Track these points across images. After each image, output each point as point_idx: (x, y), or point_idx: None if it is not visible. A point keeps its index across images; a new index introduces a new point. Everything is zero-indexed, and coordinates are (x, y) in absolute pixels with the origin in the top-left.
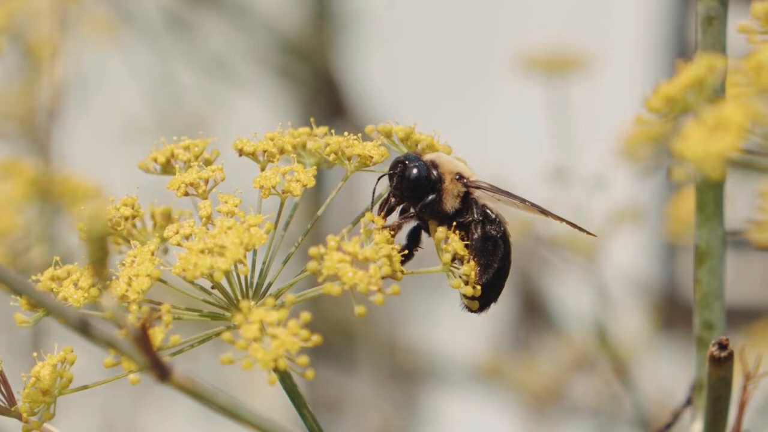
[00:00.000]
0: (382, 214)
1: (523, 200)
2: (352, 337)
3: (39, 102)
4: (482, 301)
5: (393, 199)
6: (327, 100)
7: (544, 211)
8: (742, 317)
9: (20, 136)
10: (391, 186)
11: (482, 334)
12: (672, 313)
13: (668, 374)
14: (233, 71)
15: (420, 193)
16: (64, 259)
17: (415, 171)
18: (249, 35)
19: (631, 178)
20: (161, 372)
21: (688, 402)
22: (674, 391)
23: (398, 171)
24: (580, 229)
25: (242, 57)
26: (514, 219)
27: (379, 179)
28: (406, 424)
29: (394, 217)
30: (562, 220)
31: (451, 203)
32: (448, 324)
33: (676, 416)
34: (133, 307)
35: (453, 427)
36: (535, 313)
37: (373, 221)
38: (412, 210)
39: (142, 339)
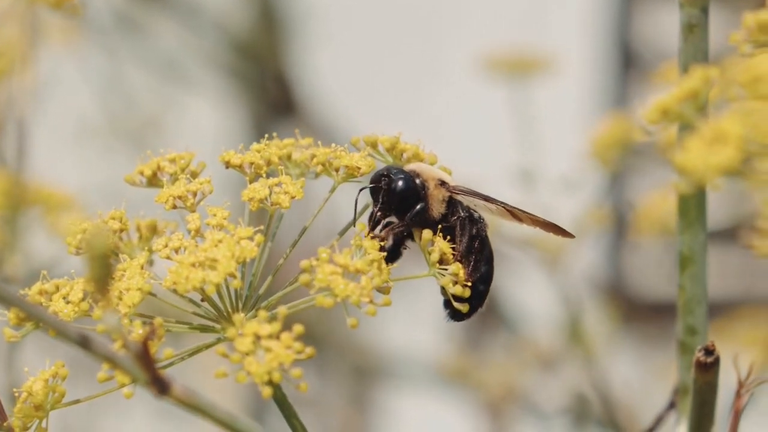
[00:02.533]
0: (370, 226)
1: (503, 203)
2: (314, 337)
3: (4, 109)
4: (471, 303)
5: (379, 213)
6: (278, 99)
7: (517, 215)
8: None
9: None
10: (376, 200)
11: (434, 332)
12: (620, 308)
13: (622, 370)
14: (184, 72)
15: (408, 204)
16: (39, 270)
17: (401, 183)
18: (199, 35)
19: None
20: (161, 386)
21: (671, 406)
22: (633, 387)
23: (383, 184)
24: (562, 231)
25: (193, 57)
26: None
27: (360, 191)
28: (363, 422)
29: (379, 228)
30: (538, 223)
31: (437, 209)
32: (400, 321)
33: (659, 420)
34: (125, 321)
35: (409, 425)
36: (488, 311)
37: (363, 232)
38: (399, 221)
39: (144, 354)
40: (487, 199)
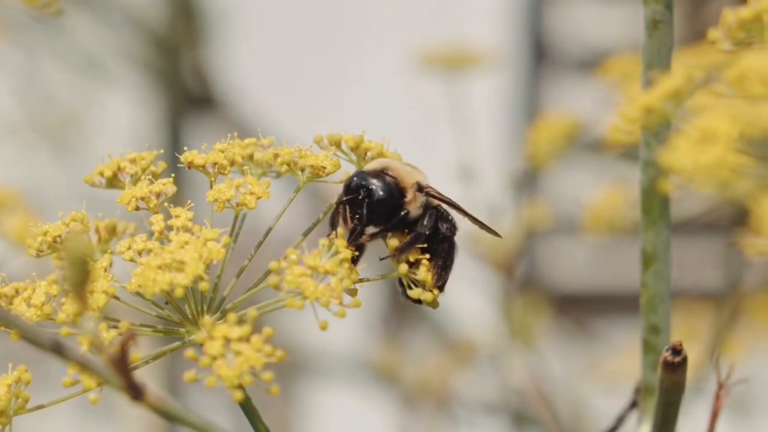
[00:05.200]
0: (348, 237)
1: (466, 213)
2: None
3: None
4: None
5: (359, 225)
6: (195, 94)
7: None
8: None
9: None
10: (354, 212)
11: (352, 327)
12: (539, 301)
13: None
14: (103, 68)
15: (388, 215)
16: None
17: (382, 193)
18: (117, 31)
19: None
20: (135, 392)
21: (633, 405)
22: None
23: (363, 196)
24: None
25: (111, 53)
26: None
27: (339, 205)
28: (287, 417)
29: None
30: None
31: (413, 213)
32: (318, 314)
33: (621, 419)
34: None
35: (332, 421)
36: (407, 307)
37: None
38: (376, 228)
39: (120, 360)
40: (453, 205)
